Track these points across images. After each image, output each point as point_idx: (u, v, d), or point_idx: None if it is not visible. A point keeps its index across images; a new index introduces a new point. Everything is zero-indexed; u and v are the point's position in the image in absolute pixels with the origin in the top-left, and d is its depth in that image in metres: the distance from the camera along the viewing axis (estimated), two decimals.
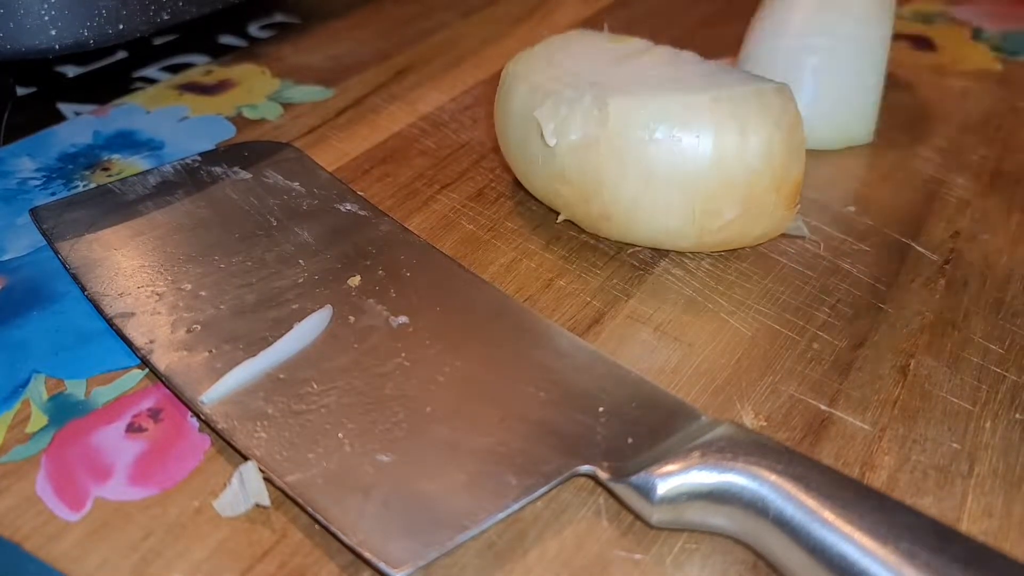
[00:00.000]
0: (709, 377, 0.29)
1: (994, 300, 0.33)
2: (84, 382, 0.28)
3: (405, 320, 0.30)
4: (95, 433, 0.27)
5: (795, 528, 0.22)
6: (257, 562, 0.23)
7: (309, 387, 0.27)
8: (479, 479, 0.24)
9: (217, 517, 0.24)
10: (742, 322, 0.32)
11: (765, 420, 0.28)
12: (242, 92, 0.45)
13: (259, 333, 0.29)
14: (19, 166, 0.38)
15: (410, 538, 0.23)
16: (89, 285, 0.31)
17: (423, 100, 0.45)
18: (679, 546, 0.24)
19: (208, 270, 0.32)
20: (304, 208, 0.35)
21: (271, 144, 0.40)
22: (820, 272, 0.34)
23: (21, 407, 0.28)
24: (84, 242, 0.33)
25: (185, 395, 0.27)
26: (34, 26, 0.38)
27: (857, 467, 0.27)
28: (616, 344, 0.31)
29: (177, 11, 0.42)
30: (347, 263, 0.32)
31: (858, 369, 0.30)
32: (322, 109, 0.44)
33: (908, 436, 0.28)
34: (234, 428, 0.26)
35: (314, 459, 0.25)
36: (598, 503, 0.25)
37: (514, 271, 0.34)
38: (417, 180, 0.39)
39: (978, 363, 0.30)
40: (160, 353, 0.28)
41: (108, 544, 0.24)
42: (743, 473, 0.23)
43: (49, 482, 0.25)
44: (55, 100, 0.45)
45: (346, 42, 0.51)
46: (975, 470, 0.27)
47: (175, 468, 0.26)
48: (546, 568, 0.24)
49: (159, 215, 0.34)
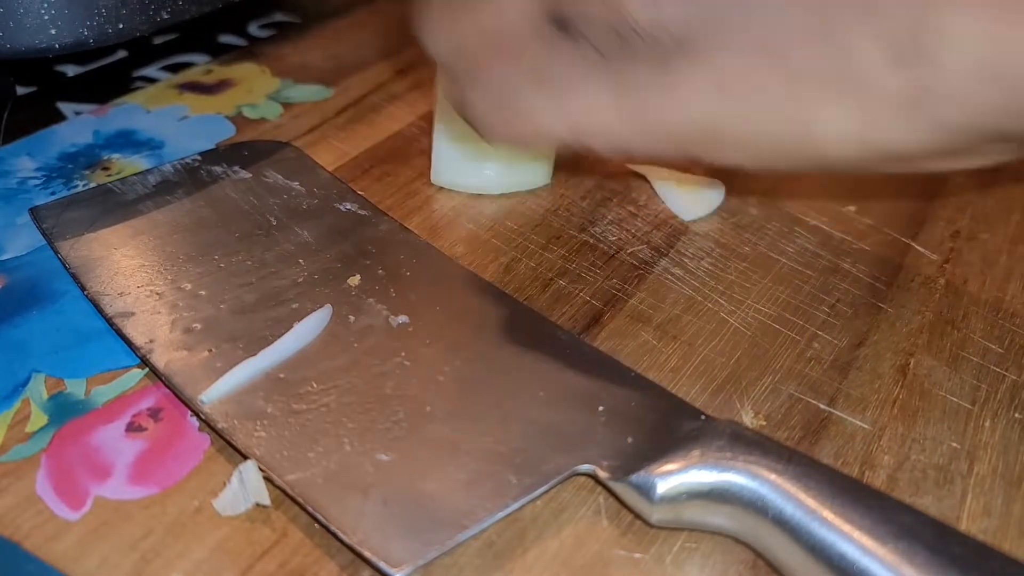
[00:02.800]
0: (709, 376, 0.29)
1: (994, 299, 0.33)
2: (84, 381, 0.28)
3: (405, 319, 0.30)
4: (95, 432, 0.27)
5: (795, 527, 0.22)
6: (257, 561, 0.23)
7: (309, 386, 0.27)
8: (479, 478, 0.24)
9: (217, 516, 0.24)
10: (742, 321, 0.32)
11: (765, 419, 0.28)
12: (242, 91, 0.45)
13: (259, 332, 0.29)
14: (19, 165, 0.38)
15: (410, 537, 0.23)
16: (89, 284, 0.31)
17: (423, 99, 0.45)
18: (679, 545, 0.24)
19: (208, 269, 0.32)
20: (304, 207, 0.35)
21: (271, 143, 0.40)
22: (820, 271, 0.34)
23: (21, 406, 0.28)
24: (84, 241, 0.33)
25: (185, 394, 0.27)
26: (34, 25, 0.38)
27: (857, 466, 0.27)
28: (616, 343, 0.31)
29: (177, 10, 0.42)
30: (347, 262, 0.32)
31: (858, 368, 0.30)
32: (322, 108, 0.44)
33: (908, 435, 0.28)
34: (234, 427, 0.26)
35: (314, 458, 0.25)
36: (598, 502, 0.25)
37: (514, 271, 0.34)
38: (417, 179, 0.39)
39: (977, 362, 0.30)
40: (160, 352, 0.28)
41: (108, 543, 0.24)
42: (743, 472, 0.23)
43: (49, 481, 0.25)
44: (55, 99, 0.45)
45: (346, 41, 0.51)
46: (974, 469, 0.27)
47: (175, 467, 0.26)
48: (546, 567, 0.24)
49: (159, 214, 0.34)
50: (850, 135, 0.23)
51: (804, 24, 0.22)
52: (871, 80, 0.22)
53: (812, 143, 0.23)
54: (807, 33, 0.22)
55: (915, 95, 0.21)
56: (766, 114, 0.23)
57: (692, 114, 0.24)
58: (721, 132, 0.24)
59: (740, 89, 0.23)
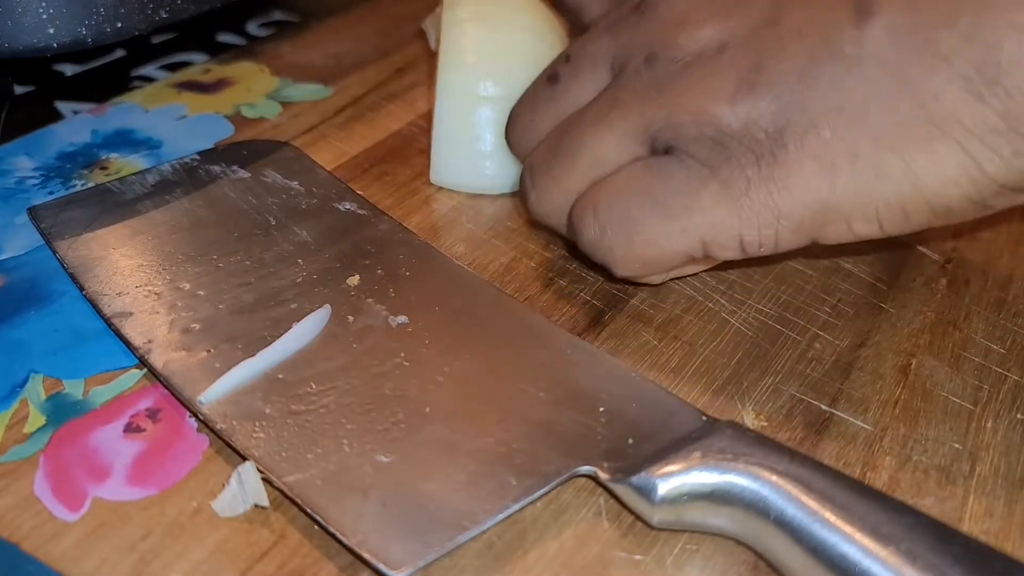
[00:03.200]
0: (710, 377, 0.29)
1: (996, 299, 0.33)
2: (82, 382, 0.28)
3: (404, 320, 0.30)
4: (93, 433, 0.27)
5: (796, 529, 0.22)
6: (256, 563, 0.23)
7: (308, 387, 0.27)
8: (479, 479, 0.24)
9: (215, 517, 0.24)
10: (743, 322, 0.32)
11: (766, 420, 0.28)
12: (241, 90, 0.45)
13: (258, 333, 0.29)
14: (17, 165, 0.38)
15: (409, 539, 0.23)
16: (87, 284, 0.31)
17: (422, 98, 0.45)
18: (680, 547, 0.24)
19: (206, 269, 0.32)
20: (303, 207, 0.35)
21: (270, 143, 0.40)
22: (821, 271, 0.34)
23: (19, 407, 0.27)
24: (82, 241, 0.33)
25: (183, 395, 0.27)
26: (32, 24, 0.38)
27: (858, 467, 0.26)
28: (616, 344, 0.31)
29: (175, 9, 0.42)
30: (346, 262, 0.32)
31: (859, 369, 0.30)
32: (321, 108, 0.44)
33: (909, 436, 0.28)
34: (233, 428, 0.26)
35: (313, 459, 0.25)
36: (598, 504, 0.25)
37: (514, 271, 0.34)
38: (417, 179, 0.39)
39: (979, 363, 0.30)
40: (158, 353, 0.28)
41: (106, 544, 0.24)
42: (744, 474, 0.23)
43: (47, 482, 0.25)
44: (53, 98, 0.45)
45: (345, 40, 0.50)
46: (976, 470, 0.27)
47: (173, 468, 0.26)
48: (546, 569, 0.24)
49: (157, 214, 0.34)
50: (959, 177, 0.24)
51: (883, 86, 0.24)
52: (960, 118, 0.23)
53: (927, 194, 0.24)
54: (888, 93, 0.24)
55: (999, 123, 0.23)
56: (875, 177, 0.24)
57: (808, 199, 0.25)
58: (840, 208, 0.25)
59: (844, 161, 0.25)
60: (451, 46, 0.36)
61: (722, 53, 0.26)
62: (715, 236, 0.27)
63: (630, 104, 0.27)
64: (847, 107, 0.24)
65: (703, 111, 0.26)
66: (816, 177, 0.25)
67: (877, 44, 0.24)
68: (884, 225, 0.25)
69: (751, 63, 0.25)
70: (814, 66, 0.25)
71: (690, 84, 0.26)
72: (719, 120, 0.26)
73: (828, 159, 0.25)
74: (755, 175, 0.25)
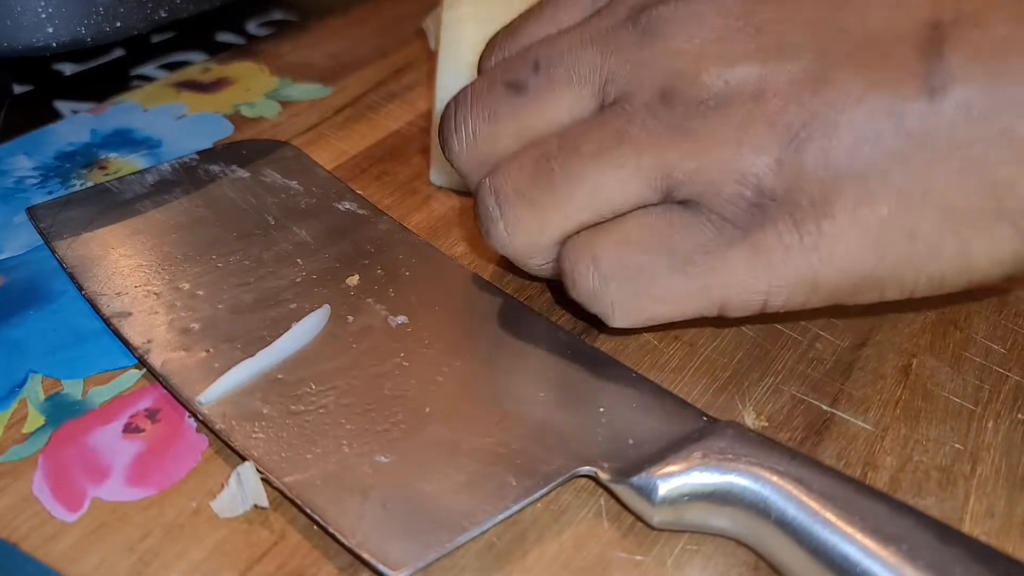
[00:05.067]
0: (710, 377, 0.29)
1: (996, 299, 0.33)
2: (81, 382, 0.28)
3: (404, 320, 0.29)
4: (92, 433, 0.27)
5: (797, 529, 0.22)
6: (255, 563, 0.23)
7: (307, 387, 0.27)
8: (479, 480, 0.24)
9: (215, 518, 0.24)
10: (743, 321, 0.32)
11: (767, 420, 0.28)
12: (240, 90, 0.45)
13: (257, 333, 0.29)
14: (16, 164, 0.38)
15: (409, 539, 0.23)
16: (86, 284, 0.31)
17: (422, 98, 0.45)
18: (680, 547, 0.24)
19: (206, 269, 0.31)
20: (302, 207, 0.35)
21: (269, 142, 0.39)
22: None
23: (18, 407, 0.27)
24: (81, 241, 0.33)
25: (183, 395, 0.27)
26: (31, 23, 0.38)
27: (859, 467, 0.26)
28: (617, 344, 0.30)
29: (175, 8, 0.42)
30: (345, 262, 0.32)
31: (860, 369, 0.30)
32: (320, 107, 0.43)
33: (910, 436, 0.28)
34: (232, 428, 0.26)
35: (312, 460, 0.25)
36: (599, 504, 0.25)
37: (514, 271, 0.34)
38: (416, 179, 0.39)
39: (980, 363, 0.30)
40: (157, 353, 0.28)
41: (105, 545, 0.24)
42: (745, 474, 0.23)
43: (46, 482, 0.25)
44: (52, 98, 0.45)
45: (345, 40, 0.50)
46: (977, 470, 0.27)
47: (172, 469, 0.26)
48: (546, 569, 0.23)
49: (156, 214, 0.34)
50: (1010, 259, 0.24)
51: (953, 170, 0.23)
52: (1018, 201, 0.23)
53: (973, 272, 0.24)
54: (959, 177, 0.23)
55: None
56: (928, 255, 0.24)
57: (850, 270, 0.24)
58: (880, 280, 0.24)
59: (899, 238, 0.24)
60: (451, 46, 0.36)
61: (760, 103, 0.24)
62: (737, 297, 0.25)
63: (644, 144, 0.25)
64: (912, 186, 0.23)
65: (742, 170, 0.24)
66: (863, 251, 0.24)
67: (950, 123, 0.22)
68: (917, 292, 0.25)
69: (800, 120, 0.23)
70: (877, 138, 0.23)
71: (724, 135, 0.24)
72: (761, 182, 0.24)
73: (881, 235, 0.23)
74: (794, 243, 0.24)
